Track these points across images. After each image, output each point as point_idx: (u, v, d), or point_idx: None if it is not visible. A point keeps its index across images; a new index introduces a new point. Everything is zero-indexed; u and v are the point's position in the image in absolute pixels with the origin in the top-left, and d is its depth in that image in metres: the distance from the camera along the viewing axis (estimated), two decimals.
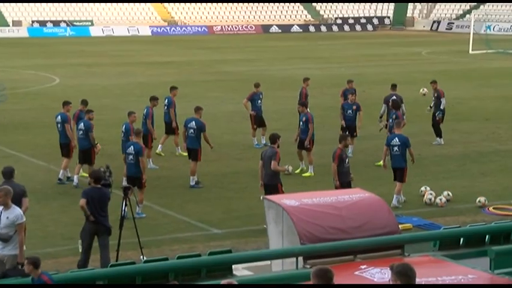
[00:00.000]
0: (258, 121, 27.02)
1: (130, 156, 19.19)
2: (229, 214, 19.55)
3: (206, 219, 19.13)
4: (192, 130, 21.98)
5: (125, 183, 18.51)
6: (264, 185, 18.13)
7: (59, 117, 22.53)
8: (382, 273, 10.77)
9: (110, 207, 17.73)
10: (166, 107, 25.35)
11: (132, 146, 19.32)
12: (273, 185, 17.78)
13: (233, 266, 12.36)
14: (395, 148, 20.16)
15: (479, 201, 20.18)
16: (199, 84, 42.66)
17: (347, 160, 18.82)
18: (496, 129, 30.52)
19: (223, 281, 8.57)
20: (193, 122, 22.08)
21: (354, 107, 25.45)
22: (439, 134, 27.54)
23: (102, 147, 23.04)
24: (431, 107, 27.79)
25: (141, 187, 19.04)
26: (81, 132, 21.91)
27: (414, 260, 11.61)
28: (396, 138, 20.26)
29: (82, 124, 21.93)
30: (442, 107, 27.34)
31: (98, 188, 15.62)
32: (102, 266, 14.93)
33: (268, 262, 13.08)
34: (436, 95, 27.64)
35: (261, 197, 13.61)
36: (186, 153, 22.98)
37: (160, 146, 25.43)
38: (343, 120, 25.60)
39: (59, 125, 22.56)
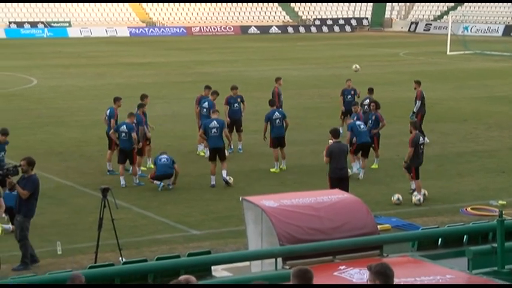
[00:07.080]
0: (233, 125, 26.18)
1: (123, 134, 21.92)
2: (208, 215, 19.53)
3: (185, 220, 19.10)
4: (215, 129, 22.02)
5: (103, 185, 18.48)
6: None
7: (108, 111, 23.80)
8: (361, 274, 10.79)
9: (88, 208, 17.71)
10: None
11: (124, 125, 22.01)
12: None
13: (212, 267, 12.34)
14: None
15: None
16: (177, 85, 42.56)
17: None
18: (474, 130, 30.67)
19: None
20: (215, 122, 22.17)
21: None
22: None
23: (79, 147, 23.00)
24: (414, 112, 27.68)
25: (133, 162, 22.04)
26: (123, 134, 22.20)
27: (392, 260, 11.62)
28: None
29: (124, 126, 22.21)
30: (414, 110, 27.35)
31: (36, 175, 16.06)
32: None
33: (248, 263, 13.07)
34: (415, 96, 27.66)
35: (240, 198, 13.60)
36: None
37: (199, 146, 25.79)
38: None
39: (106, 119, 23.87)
